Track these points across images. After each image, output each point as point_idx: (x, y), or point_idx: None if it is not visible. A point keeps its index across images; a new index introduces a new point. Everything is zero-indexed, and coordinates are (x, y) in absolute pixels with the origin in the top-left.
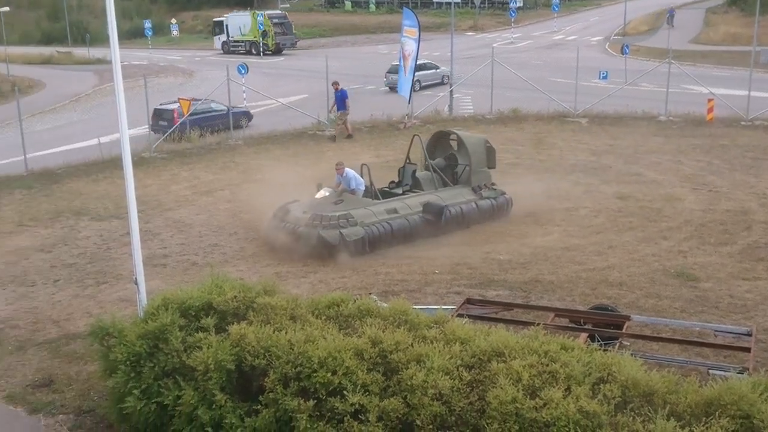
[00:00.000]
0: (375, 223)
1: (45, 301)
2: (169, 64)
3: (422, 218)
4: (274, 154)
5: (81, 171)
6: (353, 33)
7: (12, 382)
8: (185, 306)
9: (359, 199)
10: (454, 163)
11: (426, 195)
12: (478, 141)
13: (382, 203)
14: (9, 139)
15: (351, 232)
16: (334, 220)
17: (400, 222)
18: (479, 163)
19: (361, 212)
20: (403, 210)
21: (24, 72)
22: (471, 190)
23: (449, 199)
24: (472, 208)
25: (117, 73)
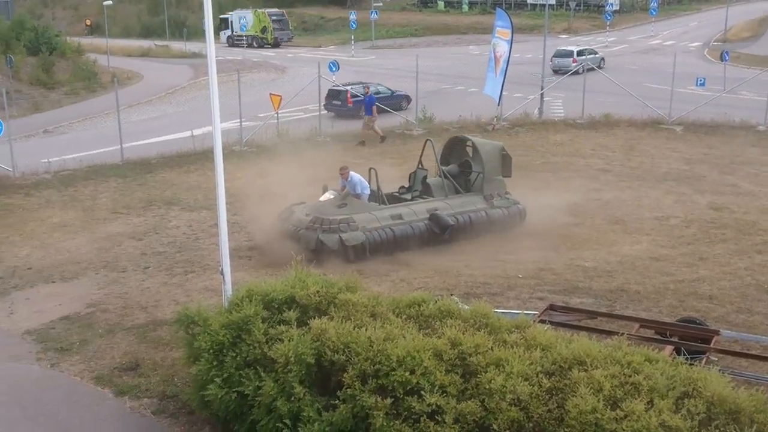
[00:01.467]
0: (377, 228)
1: (135, 287)
2: (263, 60)
3: (427, 226)
4: (362, 152)
5: (174, 162)
6: (445, 33)
7: (100, 364)
8: (269, 298)
9: (364, 204)
10: (468, 170)
11: (435, 202)
12: (493, 148)
13: (387, 208)
14: (108, 129)
15: (351, 237)
16: (334, 223)
17: (403, 228)
18: (493, 170)
19: (364, 217)
20: (409, 216)
21: (123, 64)
22: (483, 199)
23: (458, 207)
24: (482, 216)
25: (212, 68)
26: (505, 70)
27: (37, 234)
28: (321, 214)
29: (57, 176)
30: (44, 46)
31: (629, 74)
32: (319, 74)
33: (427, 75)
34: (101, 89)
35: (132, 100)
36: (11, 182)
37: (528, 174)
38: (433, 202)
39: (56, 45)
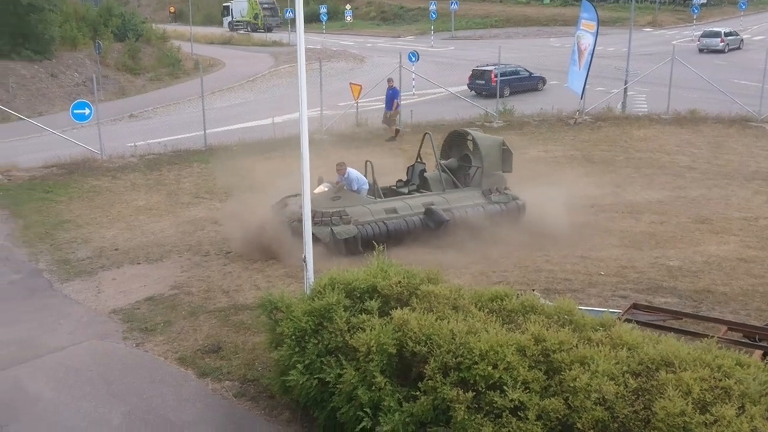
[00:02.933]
0: (370, 222)
1: (217, 271)
2: (342, 49)
3: (422, 221)
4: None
5: (255, 149)
6: (525, 24)
7: (184, 345)
8: (351, 287)
9: (358, 197)
10: (467, 165)
11: (431, 196)
12: (493, 143)
13: (382, 202)
14: (190, 115)
15: (343, 230)
16: (327, 216)
17: (397, 222)
18: (492, 165)
19: (358, 210)
20: (403, 210)
21: (206, 51)
22: (481, 194)
23: (455, 202)
24: (479, 212)
25: (300, 56)
26: (589, 64)
27: (123, 216)
28: (313, 207)
29: (143, 160)
30: (131, 32)
31: (716, 69)
32: (401, 65)
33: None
34: (184, 75)
35: (214, 87)
36: (99, 165)
37: (611, 170)
38: (429, 197)
39: (142, 31)
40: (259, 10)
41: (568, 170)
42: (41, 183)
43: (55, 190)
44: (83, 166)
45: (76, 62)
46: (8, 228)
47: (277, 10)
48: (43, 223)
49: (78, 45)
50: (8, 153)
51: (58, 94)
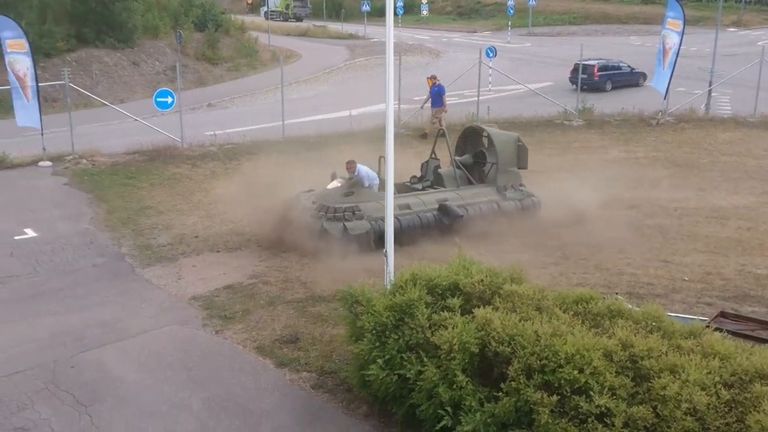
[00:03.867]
0: (383, 218)
1: (294, 262)
2: (418, 43)
3: (436, 217)
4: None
5: (331, 141)
6: (604, 22)
7: (262, 334)
8: (432, 284)
9: (371, 192)
10: (482, 161)
11: (445, 192)
12: (508, 139)
13: (396, 197)
14: (267, 106)
15: (355, 226)
16: (339, 212)
17: (410, 219)
18: (508, 162)
19: (371, 206)
20: (417, 206)
21: (283, 42)
22: (495, 190)
23: (469, 198)
24: (493, 208)
25: (389, 49)
26: (673, 63)
27: (203, 204)
28: (326, 202)
29: (222, 149)
30: (210, 22)
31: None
32: (480, 61)
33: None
34: (261, 66)
35: (291, 79)
36: (179, 152)
37: (695, 173)
38: (443, 193)
39: (221, 22)
40: (290, 0)
41: (650, 172)
42: (124, 169)
43: (137, 176)
44: (164, 154)
45: (157, 51)
46: (93, 212)
47: (307, 1)
48: (126, 208)
49: (159, 34)
50: (91, 138)
51: (139, 81)
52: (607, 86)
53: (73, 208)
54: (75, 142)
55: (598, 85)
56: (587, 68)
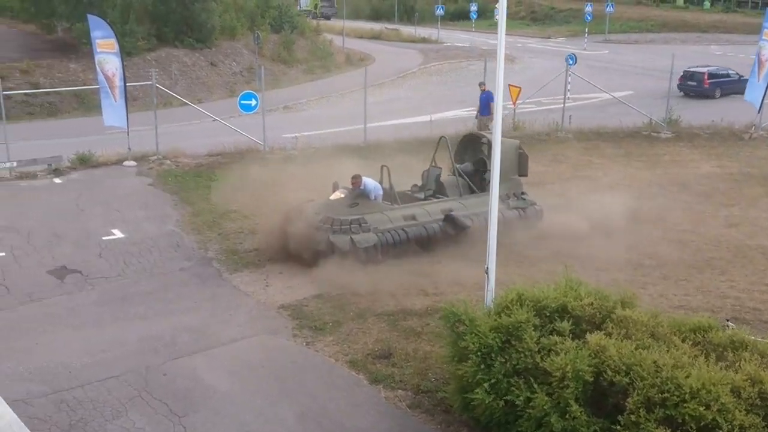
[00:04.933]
0: (390, 229)
1: (383, 273)
2: (492, 48)
3: (442, 227)
4: (605, 152)
5: (411, 147)
6: (683, 30)
7: (354, 348)
8: (540, 305)
9: (376, 203)
10: (483, 169)
11: (448, 202)
12: (509, 146)
13: (400, 209)
14: (344, 109)
15: (362, 239)
16: (345, 224)
17: (417, 230)
18: (509, 170)
19: (377, 217)
20: (422, 217)
21: (356, 45)
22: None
23: (473, 207)
24: (498, 217)
25: (500, 54)
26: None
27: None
28: (331, 214)
29: (303, 153)
30: (286, 24)
31: None
32: (567, 70)
33: (665, 73)
34: (336, 69)
35: (366, 82)
36: (262, 155)
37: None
38: (447, 202)
39: (297, 24)
40: (318, 0)
41: (746, 189)
42: (207, 171)
43: (221, 178)
44: (247, 156)
45: (234, 52)
46: (178, 214)
47: (333, 1)
48: (211, 211)
49: (236, 35)
50: (171, 138)
51: (216, 82)
52: (716, 93)
53: (159, 210)
54: (161, 140)
55: (707, 92)
56: (696, 75)
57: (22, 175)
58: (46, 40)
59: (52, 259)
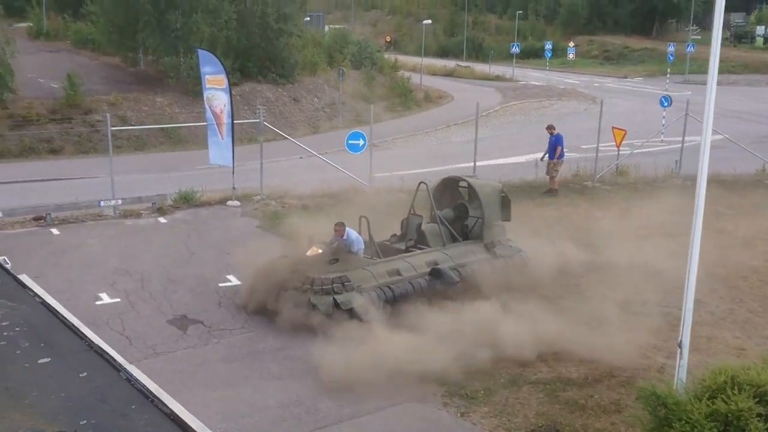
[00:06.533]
0: (374, 287)
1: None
2: (570, 87)
3: (428, 282)
4: (730, 201)
5: (520, 190)
6: (765, 71)
7: (515, 422)
8: (762, 390)
9: (357, 258)
10: (464, 215)
11: (433, 253)
12: (492, 190)
13: (383, 263)
14: (430, 148)
15: (346, 299)
16: (327, 283)
17: (403, 287)
18: (493, 215)
19: (359, 274)
20: (407, 271)
21: (430, 82)
22: (484, 247)
23: (459, 258)
24: (485, 268)
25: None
26: None
27: None
28: (311, 273)
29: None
30: (366, 60)
31: None
32: (687, 112)
33: (757, 116)
34: (416, 107)
35: (448, 120)
36: (368, 197)
37: None
38: (431, 253)
39: (376, 60)
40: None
41: None
42: (316, 212)
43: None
44: (353, 197)
45: (316, 87)
46: None
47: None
48: None
49: (317, 71)
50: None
51: (299, 118)
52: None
53: (272, 255)
54: (248, 177)
55: None
56: None
57: (125, 213)
58: (129, 73)
59: (170, 307)
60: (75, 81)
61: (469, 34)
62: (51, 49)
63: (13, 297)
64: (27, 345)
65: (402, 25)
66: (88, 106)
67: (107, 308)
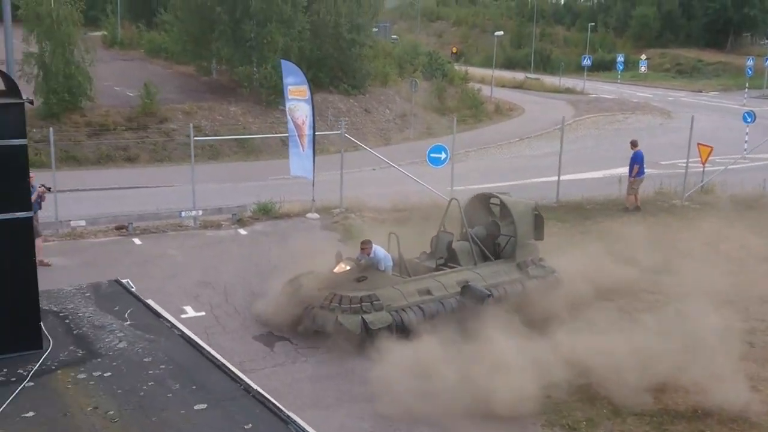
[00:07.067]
0: (404, 306)
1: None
2: (642, 101)
3: (459, 301)
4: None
5: (607, 208)
6: None
7: None
8: None
9: (386, 277)
10: (496, 233)
11: (464, 272)
12: (525, 208)
13: (413, 281)
14: (502, 161)
15: (376, 319)
16: (355, 302)
17: (434, 306)
18: (526, 234)
19: (388, 293)
20: (438, 291)
21: (500, 94)
22: (516, 267)
23: (491, 277)
24: (518, 289)
25: None
26: None
27: None
28: (338, 290)
29: None
30: (437, 71)
31: None
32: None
33: None
34: (487, 119)
35: (521, 133)
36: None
37: None
38: (463, 272)
39: (447, 71)
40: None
41: None
42: (395, 227)
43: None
44: (432, 213)
45: (387, 98)
46: None
47: None
48: None
49: (388, 81)
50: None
51: (370, 129)
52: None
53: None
54: (323, 188)
55: None
56: None
57: (206, 224)
58: (202, 82)
59: (254, 321)
60: (151, 90)
61: (537, 45)
62: (125, 58)
63: (149, 328)
64: (177, 387)
65: (467, 36)
66: (164, 115)
67: (193, 322)
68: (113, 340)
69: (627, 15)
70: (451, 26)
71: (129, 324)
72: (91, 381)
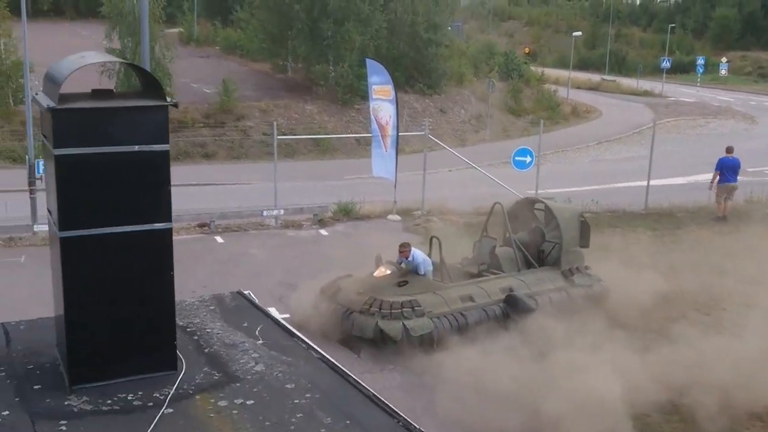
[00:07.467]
0: (446, 313)
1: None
2: (724, 105)
3: (503, 310)
4: None
5: (698, 216)
6: None
7: None
8: None
9: (428, 282)
10: (540, 240)
11: (507, 279)
12: (572, 214)
13: (455, 287)
14: (587, 165)
15: (417, 325)
16: (396, 307)
17: (476, 314)
18: (572, 241)
19: (430, 299)
20: (480, 298)
21: (576, 96)
22: (561, 275)
23: (535, 285)
24: (564, 297)
25: None
26: None
27: None
28: (379, 295)
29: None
30: (514, 72)
31: None
32: None
33: None
34: (563, 121)
35: (599, 136)
36: None
37: None
38: (506, 279)
39: (523, 72)
40: None
41: None
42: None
43: None
44: None
45: (462, 99)
46: None
47: None
48: None
49: (464, 81)
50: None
51: (446, 129)
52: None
53: None
54: (401, 189)
55: None
56: None
57: (287, 224)
58: (277, 79)
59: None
60: (229, 87)
61: (612, 46)
62: (201, 55)
63: (285, 349)
64: (330, 421)
65: (540, 37)
66: (241, 112)
67: None
68: (249, 362)
69: (706, 16)
70: (523, 26)
71: (262, 343)
72: (233, 410)
